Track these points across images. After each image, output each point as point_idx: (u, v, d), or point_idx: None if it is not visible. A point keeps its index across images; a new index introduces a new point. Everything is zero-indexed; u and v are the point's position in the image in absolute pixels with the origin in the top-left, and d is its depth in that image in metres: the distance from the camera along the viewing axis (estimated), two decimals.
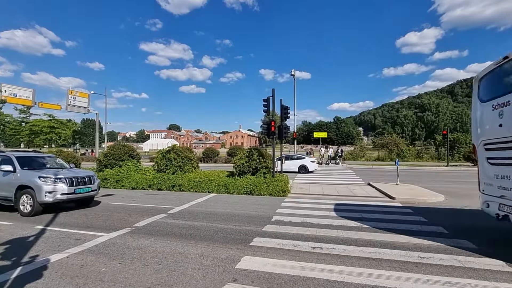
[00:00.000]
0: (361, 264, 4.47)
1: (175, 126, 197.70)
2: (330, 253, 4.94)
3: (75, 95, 32.10)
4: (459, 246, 5.28)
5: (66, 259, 4.71)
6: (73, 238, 5.90)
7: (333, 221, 7.20)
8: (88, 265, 4.45)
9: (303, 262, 4.56)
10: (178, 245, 5.44)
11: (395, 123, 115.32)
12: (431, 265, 4.40)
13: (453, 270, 4.19)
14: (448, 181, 15.27)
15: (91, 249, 5.20)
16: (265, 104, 13.38)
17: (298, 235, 6.04)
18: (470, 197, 10.54)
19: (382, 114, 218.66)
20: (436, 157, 32.19)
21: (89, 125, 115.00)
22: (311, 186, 13.46)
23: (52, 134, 43.68)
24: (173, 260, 4.67)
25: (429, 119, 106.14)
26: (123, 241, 5.70)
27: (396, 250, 5.05)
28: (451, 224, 6.84)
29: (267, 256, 4.83)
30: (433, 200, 9.96)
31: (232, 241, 5.63)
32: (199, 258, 4.73)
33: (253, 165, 12.72)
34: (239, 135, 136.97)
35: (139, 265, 4.45)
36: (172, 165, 13.77)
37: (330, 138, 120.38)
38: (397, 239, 5.72)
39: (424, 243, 5.44)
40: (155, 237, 5.97)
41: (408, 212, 8.18)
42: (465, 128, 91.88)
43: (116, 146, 16.13)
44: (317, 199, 10.49)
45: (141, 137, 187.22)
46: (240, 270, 4.24)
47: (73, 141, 57.97)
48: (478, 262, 4.48)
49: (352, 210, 8.49)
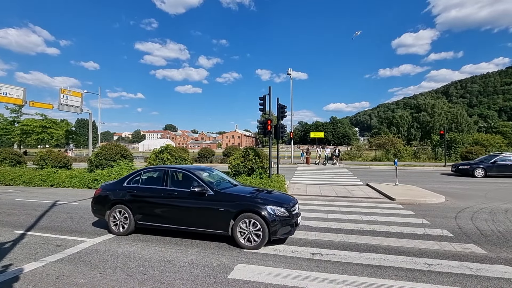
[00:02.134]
0: (364, 272, 4.11)
1: (171, 127, 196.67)
2: (331, 260, 4.57)
3: (67, 94, 31.37)
4: (467, 251, 4.96)
5: (41, 269, 4.28)
6: (53, 244, 5.47)
7: (332, 223, 6.84)
8: (65, 276, 4.03)
9: (302, 270, 4.19)
10: (166, 251, 5.03)
11: (391, 123, 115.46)
12: (440, 273, 4.06)
13: (465, 280, 3.85)
14: (447, 181, 15.03)
15: (71, 257, 4.77)
16: (261, 102, 13.01)
17: (295, 239, 5.67)
18: (472, 198, 10.28)
19: (378, 114, 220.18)
20: (433, 157, 32.03)
21: (83, 125, 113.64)
22: (308, 187, 13.12)
23: (44, 134, 42.72)
24: (160, 269, 4.27)
25: (424, 119, 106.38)
26: (108, 247, 5.28)
27: (401, 256, 4.71)
28: (456, 227, 6.52)
29: (263, 264, 4.45)
30: (434, 201, 9.66)
31: (225, 247, 5.24)
32: (189, 267, 4.33)
33: (249, 165, 12.34)
34: (236, 135, 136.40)
35: (121, 276, 4.04)
36: None
37: (326, 138, 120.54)
38: (401, 243, 5.37)
39: (430, 248, 5.11)
40: (142, 242, 5.56)
41: (410, 214, 7.86)
42: (460, 129, 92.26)
43: (108, 146, 15.60)
44: (315, 200, 10.14)
45: (137, 137, 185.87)
46: (233, 281, 3.85)
47: (67, 141, 56.92)
48: (491, 270, 4.15)
49: (351, 212, 8.15)
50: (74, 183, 13.58)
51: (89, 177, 13.46)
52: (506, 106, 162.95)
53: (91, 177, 13.42)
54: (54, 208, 8.95)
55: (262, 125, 12.96)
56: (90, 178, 13.40)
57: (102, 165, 14.36)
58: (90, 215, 7.90)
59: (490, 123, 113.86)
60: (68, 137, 51.57)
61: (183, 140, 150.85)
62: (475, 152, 24.73)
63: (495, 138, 32.08)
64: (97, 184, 13.14)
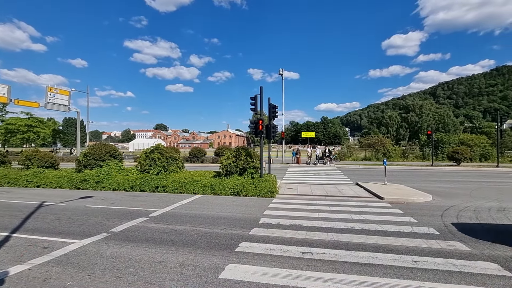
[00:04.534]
0: (353, 270, 4.19)
1: (162, 126, 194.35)
2: (321, 259, 4.64)
3: (54, 93, 30.64)
4: (452, 248, 5.11)
5: (27, 272, 4.19)
6: (40, 246, 5.35)
7: (322, 223, 6.93)
8: (52, 279, 3.96)
9: (293, 269, 4.23)
10: (157, 252, 5.00)
11: (381, 123, 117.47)
12: (426, 270, 4.17)
13: (450, 276, 3.97)
14: (434, 181, 15.40)
15: (59, 259, 4.68)
16: (252, 102, 13.03)
17: (286, 239, 5.72)
18: (457, 196, 10.58)
19: (368, 114, 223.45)
20: (420, 157, 32.75)
21: (71, 124, 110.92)
22: (299, 186, 13.22)
23: (30, 133, 41.59)
24: (150, 270, 4.24)
25: (413, 119, 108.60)
26: (96, 248, 5.20)
27: (389, 254, 4.81)
28: (441, 225, 6.70)
29: (254, 263, 4.48)
30: (421, 200, 9.90)
31: (216, 247, 5.24)
32: (179, 268, 4.32)
33: (241, 165, 12.34)
34: (227, 135, 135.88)
35: (111, 277, 3.99)
36: (156, 165, 13.19)
37: (317, 138, 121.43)
38: (389, 241, 5.49)
39: (416, 246, 5.24)
40: (132, 243, 5.50)
41: (398, 213, 8.03)
42: (446, 129, 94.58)
43: (96, 145, 15.31)
44: (306, 199, 10.23)
45: (126, 137, 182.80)
46: (224, 281, 3.86)
47: (54, 140, 55.53)
48: (474, 266, 4.29)
49: (341, 211, 8.27)
50: (62, 184, 13.29)
51: (77, 177, 13.19)
52: (490, 107, 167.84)
53: (79, 177, 13.15)
54: (41, 209, 8.75)
55: (254, 125, 12.98)
56: (78, 178, 13.13)
57: (91, 165, 14.10)
58: (79, 216, 7.78)
59: (475, 123, 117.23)
60: (55, 137, 50.33)
61: (174, 139, 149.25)
62: (461, 152, 25.42)
63: (480, 138, 33.08)
64: (85, 184, 12.90)
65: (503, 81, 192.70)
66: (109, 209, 8.67)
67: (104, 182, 12.78)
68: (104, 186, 12.67)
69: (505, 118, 26.46)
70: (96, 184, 12.81)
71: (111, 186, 12.57)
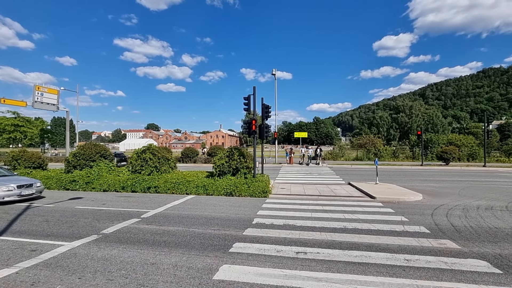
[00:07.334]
0: (347, 269, 4.22)
1: (154, 126, 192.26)
2: (315, 259, 4.65)
3: (43, 91, 29.90)
4: (443, 246, 5.20)
5: (15, 276, 4.06)
6: (28, 249, 5.20)
7: (316, 222, 6.96)
8: (41, 282, 3.85)
9: (287, 269, 4.23)
10: (149, 254, 4.92)
11: (372, 124, 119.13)
12: (418, 268, 4.23)
13: (441, 274, 4.03)
14: (424, 180, 15.68)
15: (47, 262, 4.56)
16: (246, 102, 13.01)
17: (280, 238, 5.72)
18: (447, 195, 10.79)
19: (359, 115, 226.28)
20: (411, 157, 33.34)
21: (60, 123, 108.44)
22: (292, 186, 13.26)
23: (17, 133, 40.53)
24: (143, 272, 4.17)
25: (403, 120, 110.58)
26: (87, 251, 5.09)
27: (382, 253, 4.86)
28: (432, 224, 6.82)
29: (248, 264, 4.45)
30: (412, 199, 10.06)
31: (210, 248, 5.20)
32: (173, 269, 4.26)
33: (234, 165, 12.30)
34: (220, 135, 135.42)
35: (102, 280, 3.91)
36: (148, 166, 13.02)
37: (310, 138, 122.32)
38: (382, 240, 5.56)
39: (408, 245, 5.31)
40: (124, 245, 5.40)
41: (390, 212, 8.14)
42: (435, 129, 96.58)
43: (86, 145, 15.01)
44: (299, 199, 10.27)
45: (117, 137, 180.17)
46: (218, 282, 3.83)
47: (42, 140, 54.22)
48: (464, 264, 4.37)
49: (334, 210, 8.33)
50: (50, 185, 12.96)
51: (67, 178, 12.90)
52: (477, 108, 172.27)
53: (68, 178, 12.87)
54: (28, 211, 8.52)
55: (247, 125, 12.95)
56: (67, 179, 12.84)
57: (81, 165, 13.82)
58: (68, 217, 7.61)
59: (462, 124, 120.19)
60: (43, 137, 49.19)
61: (166, 139, 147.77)
62: (450, 152, 25.97)
63: (467, 139, 33.92)
64: (75, 185, 12.63)
65: (489, 82, 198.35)
66: (100, 210, 8.50)
67: (95, 182, 12.54)
68: (95, 187, 12.42)
69: (491, 119, 27.19)
70: (86, 185, 12.56)
71: (102, 187, 12.34)
